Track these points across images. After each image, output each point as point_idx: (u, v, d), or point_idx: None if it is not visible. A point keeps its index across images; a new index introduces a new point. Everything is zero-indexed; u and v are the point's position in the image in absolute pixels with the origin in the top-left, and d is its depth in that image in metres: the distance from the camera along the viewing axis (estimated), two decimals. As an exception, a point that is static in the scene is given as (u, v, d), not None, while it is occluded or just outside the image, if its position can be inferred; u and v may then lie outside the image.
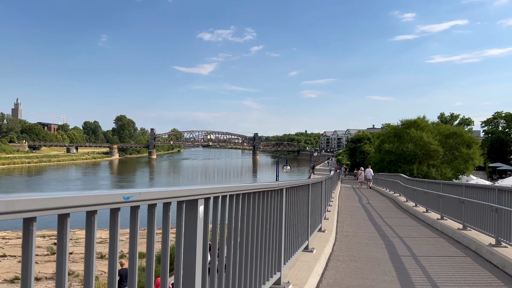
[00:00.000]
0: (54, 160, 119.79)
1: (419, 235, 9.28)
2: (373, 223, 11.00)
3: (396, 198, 18.47)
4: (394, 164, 36.53)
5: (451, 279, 5.47)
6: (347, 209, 14.94)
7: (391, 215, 13.55)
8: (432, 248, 7.70)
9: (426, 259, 6.64)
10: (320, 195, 7.89)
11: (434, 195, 11.67)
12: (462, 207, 9.02)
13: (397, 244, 7.85)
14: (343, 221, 11.20)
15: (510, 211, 6.34)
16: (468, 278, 5.59)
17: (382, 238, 8.53)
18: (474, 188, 8.38)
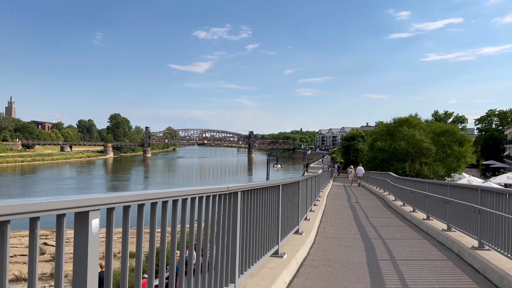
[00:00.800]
0: (48, 159, 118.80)
1: (402, 236, 8.95)
2: (357, 224, 10.66)
3: (385, 197, 18.19)
4: (386, 162, 36.36)
5: (428, 286, 5.13)
6: (334, 208, 14.61)
7: (378, 215, 13.24)
8: (414, 250, 7.37)
9: (405, 263, 6.30)
10: (298, 196, 7.53)
11: (420, 195, 11.37)
12: (446, 207, 8.70)
13: (378, 247, 7.51)
14: (327, 222, 10.86)
15: (492, 213, 6.01)
16: (447, 285, 5.25)
17: (364, 240, 8.18)
18: (458, 188, 8.05)
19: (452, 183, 8.47)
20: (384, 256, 6.76)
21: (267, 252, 5.12)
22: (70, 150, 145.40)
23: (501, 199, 5.79)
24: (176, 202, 2.66)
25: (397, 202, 15.62)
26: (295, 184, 7.09)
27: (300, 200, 7.94)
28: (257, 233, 4.67)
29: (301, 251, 6.32)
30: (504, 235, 5.64)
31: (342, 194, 22.02)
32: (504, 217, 5.57)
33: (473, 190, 7.08)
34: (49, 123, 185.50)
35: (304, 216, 9.06)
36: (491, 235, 6.21)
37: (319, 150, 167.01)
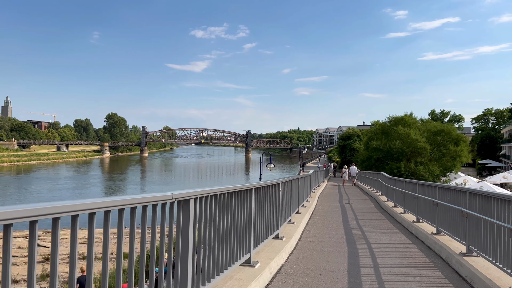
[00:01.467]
0: (44, 159, 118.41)
1: (390, 240, 8.57)
2: (345, 226, 10.28)
3: (378, 198, 17.83)
4: (381, 162, 36.04)
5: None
6: (324, 209, 14.24)
7: (368, 216, 12.87)
8: (400, 256, 6.99)
9: (388, 271, 5.91)
10: (278, 200, 7.12)
11: (410, 196, 11.00)
12: (436, 210, 8.33)
13: (362, 252, 7.13)
14: (313, 224, 10.47)
15: (481, 218, 5.63)
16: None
17: (348, 245, 7.80)
18: (447, 190, 7.68)
19: (441, 185, 8.10)
20: (367, 263, 6.38)
21: (236, 262, 4.73)
22: (66, 149, 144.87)
23: (490, 203, 5.41)
24: (122, 211, 2.48)
25: (389, 203, 15.27)
26: (273, 187, 6.69)
27: (281, 204, 7.54)
28: (222, 241, 4.28)
29: (278, 258, 5.92)
30: (492, 241, 5.26)
31: (334, 194, 21.65)
32: (491, 222, 5.20)
33: (462, 193, 6.70)
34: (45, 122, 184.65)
35: (287, 219, 8.66)
36: (479, 240, 5.84)
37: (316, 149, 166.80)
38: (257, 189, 5.52)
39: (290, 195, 9.01)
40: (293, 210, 9.75)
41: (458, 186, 6.96)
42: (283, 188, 7.84)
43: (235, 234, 4.78)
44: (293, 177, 9.66)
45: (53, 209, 1.85)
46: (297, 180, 10.55)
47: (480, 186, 28.72)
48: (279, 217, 7.17)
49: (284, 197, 8.02)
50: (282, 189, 7.63)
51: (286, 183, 8.23)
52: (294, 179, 9.66)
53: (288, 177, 8.85)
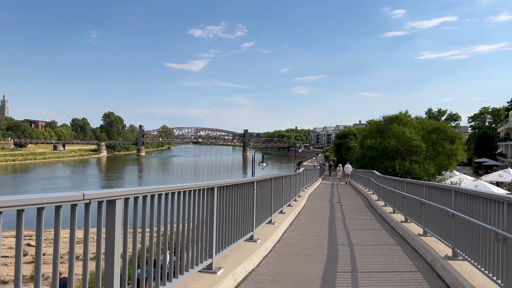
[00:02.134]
0: (40, 158, 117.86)
1: (375, 241, 8.11)
2: (330, 227, 9.82)
3: (369, 197, 17.39)
4: (376, 160, 35.62)
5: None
6: (312, 209, 13.78)
7: (357, 216, 12.41)
8: (382, 260, 6.52)
9: (367, 277, 5.45)
10: (253, 199, 6.64)
11: (399, 195, 10.55)
12: (422, 210, 7.88)
13: (342, 255, 6.67)
14: (297, 225, 10.01)
15: (466, 219, 5.18)
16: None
17: (329, 247, 7.33)
18: (434, 188, 7.21)
19: (428, 183, 7.64)
20: (345, 267, 5.91)
21: (192, 268, 4.25)
22: (63, 149, 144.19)
23: (476, 203, 4.95)
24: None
25: (379, 202, 14.83)
26: (245, 186, 6.21)
27: (257, 204, 7.06)
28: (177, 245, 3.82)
29: (247, 263, 5.44)
30: (478, 244, 4.81)
31: (326, 193, 21.20)
32: (476, 224, 4.74)
33: (447, 192, 6.24)
34: (42, 121, 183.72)
35: (267, 220, 8.19)
36: (465, 243, 5.38)
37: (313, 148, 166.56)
38: (222, 188, 5.04)
39: (271, 194, 8.54)
40: (275, 210, 9.28)
41: (443, 185, 6.51)
42: (261, 187, 7.37)
43: (193, 237, 4.31)
44: (274, 175, 9.19)
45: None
46: (280, 178, 10.08)
47: (476, 185, 28.36)
48: (254, 218, 6.69)
49: (262, 196, 7.55)
50: (259, 188, 7.15)
51: (264, 181, 7.75)
52: (276, 177, 9.18)
53: (268, 175, 8.38)
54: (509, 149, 62.97)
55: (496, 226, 4.12)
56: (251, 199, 6.57)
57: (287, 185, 11.69)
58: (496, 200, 4.23)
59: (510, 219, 3.88)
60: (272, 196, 8.72)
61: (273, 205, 8.98)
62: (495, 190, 28.00)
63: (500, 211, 4.07)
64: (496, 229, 4.03)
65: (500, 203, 4.09)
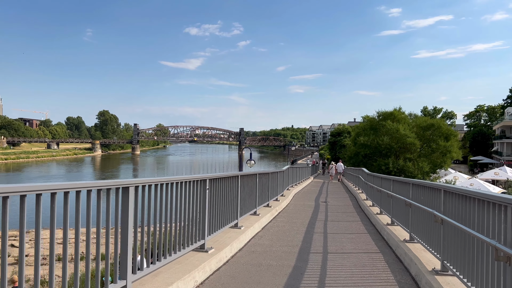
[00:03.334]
0: (33, 157, 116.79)
1: (354, 248, 7.04)
2: (308, 230, 8.74)
3: (358, 196, 16.35)
4: (369, 158, 34.63)
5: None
6: (294, 209, 12.70)
7: (341, 217, 11.34)
8: (358, 273, 5.44)
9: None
10: (203, 201, 5.55)
11: (385, 194, 9.50)
12: (409, 212, 6.82)
13: (311, 268, 5.59)
14: (271, 228, 8.92)
15: (456, 225, 4.11)
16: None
17: (299, 256, 6.25)
18: (421, 187, 6.14)
19: (415, 181, 6.56)
20: (310, 283, 4.83)
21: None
22: (57, 147, 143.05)
23: (470, 206, 3.88)
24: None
25: (367, 201, 13.79)
26: (192, 185, 5.10)
27: (213, 206, 5.97)
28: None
29: (184, 282, 4.34)
30: (472, 259, 3.74)
31: (314, 192, 20.14)
32: (471, 234, 3.66)
33: (436, 191, 5.17)
34: (37, 120, 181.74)
35: (230, 225, 7.09)
36: (455, 255, 4.31)
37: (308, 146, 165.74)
38: (139, 187, 3.94)
39: (237, 194, 7.44)
40: (244, 212, 8.19)
41: (431, 183, 5.44)
42: (221, 186, 6.27)
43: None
44: (243, 172, 8.09)
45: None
46: (252, 176, 8.99)
47: (471, 183, 27.42)
48: (206, 224, 5.57)
49: (222, 197, 6.46)
50: (216, 188, 6.06)
51: (227, 179, 6.65)
52: (245, 175, 8.08)
53: (234, 173, 7.28)
54: (505, 147, 62.31)
55: (497, 239, 3.05)
56: (202, 201, 5.48)
57: (264, 183, 10.60)
58: (497, 203, 3.14)
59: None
60: (240, 196, 7.62)
61: (242, 206, 7.88)
62: (490, 189, 27.08)
63: (503, 219, 2.99)
64: (496, 243, 2.95)
65: (503, 207, 3.01)
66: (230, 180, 6.93)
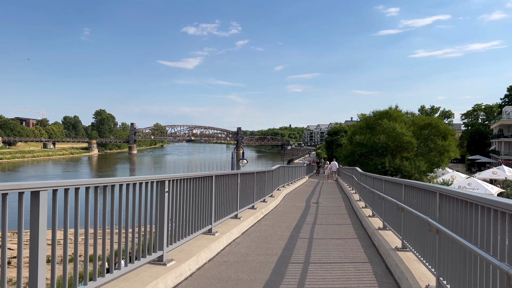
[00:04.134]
0: (29, 156, 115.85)
1: (341, 257, 6.29)
2: (292, 236, 7.99)
3: (351, 196, 15.61)
4: (365, 157, 33.96)
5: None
6: (283, 211, 11.96)
7: (331, 220, 10.60)
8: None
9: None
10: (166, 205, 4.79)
11: (377, 195, 8.76)
12: (401, 216, 6.08)
13: (288, 281, 4.83)
14: (252, 233, 8.16)
15: (452, 237, 3.36)
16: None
17: (276, 268, 5.50)
18: (414, 189, 5.39)
19: (407, 182, 5.82)
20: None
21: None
22: (53, 147, 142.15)
23: (472, 214, 3.12)
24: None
25: (360, 202, 13.06)
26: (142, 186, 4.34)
27: (179, 211, 5.21)
28: None
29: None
30: (470, 275, 3.00)
31: (307, 192, 19.39)
32: (474, 253, 2.91)
33: (430, 194, 4.42)
34: (33, 119, 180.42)
35: (204, 230, 6.34)
36: (455, 273, 3.56)
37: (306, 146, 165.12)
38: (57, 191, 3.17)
39: (212, 197, 6.68)
40: (221, 216, 7.43)
41: (425, 184, 4.67)
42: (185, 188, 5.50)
43: None
44: (218, 172, 7.33)
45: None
46: (232, 176, 8.23)
47: (469, 183, 26.76)
48: (165, 232, 4.80)
49: (192, 201, 5.70)
50: (181, 190, 5.29)
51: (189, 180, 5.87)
52: (221, 175, 7.31)
53: (207, 173, 6.52)
54: (502, 146, 61.81)
55: (507, 261, 2.30)
56: (160, 205, 4.72)
57: (248, 184, 9.85)
58: (509, 212, 2.38)
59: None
60: (215, 199, 6.86)
61: (218, 210, 7.13)
62: (489, 188, 26.43)
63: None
64: (509, 268, 2.20)
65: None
66: (201, 181, 6.17)
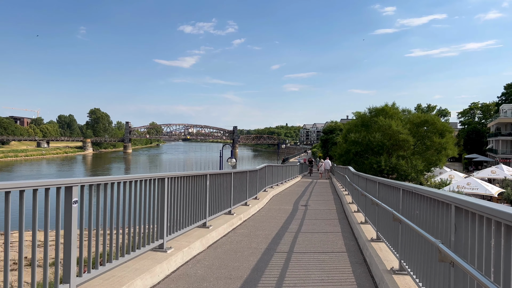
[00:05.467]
0: (22, 155, 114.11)
1: (322, 280, 4.99)
2: (268, 248, 6.70)
3: (343, 198, 14.34)
4: (360, 156, 32.77)
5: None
6: (266, 215, 10.67)
7: (319, 226, 9.31)
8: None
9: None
10: (67, 221, 3.49)
11: (370, 200, 7.49)
12: (398, 229, 4.82)
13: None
14: (222, 246, 6.86)
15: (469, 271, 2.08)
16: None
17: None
18: (417, 196, 4.11)
19: (407, 186, 4.53)
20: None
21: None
22: (47, 146, 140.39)
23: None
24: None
25: (353, 205, 11.80)
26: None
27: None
28: None
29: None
30: None
31: (297, 193, 18.11)
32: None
33: (445, 206, 3.13)
34: (28, 118, 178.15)
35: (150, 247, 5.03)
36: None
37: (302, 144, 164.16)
38: None
39: (164, 204, 5.38)
40: (180, 227, 6.12)
41: (437, 193, 3.33)
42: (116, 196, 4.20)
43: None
44: (180, 173, 6.02)
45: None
46: (198, 178, 6.93)
47: (468, 182, 25.64)
48: (71, 258, 3.49)
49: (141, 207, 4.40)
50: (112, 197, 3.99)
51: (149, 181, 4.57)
52: (176, 176, 6.00)
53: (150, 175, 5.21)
54: (500, 144, 60.91)
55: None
56: (67, 220, 3.41)
57: (222, 186, 8.56)
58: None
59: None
60: (168, 208, 5.56)
61: (174, 220, 5.82)
62: (489, 188, 25.33)
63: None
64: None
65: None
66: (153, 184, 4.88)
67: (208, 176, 7.49)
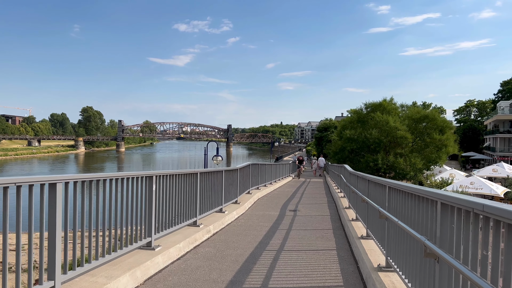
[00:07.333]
0: (12, 154, 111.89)
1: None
2: (235, 280, 4.86)
3: (338, 201, 12.48)
4: (356, 154, 31.04)
5: None
6: (246, 224, 8.82)
7: (308, 240, 7.44)
8: None
9: None
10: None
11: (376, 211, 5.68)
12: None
13: None
14: (169, 276, 5.00)
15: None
16: None
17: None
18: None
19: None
20: None
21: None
22: (38, 144, 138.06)
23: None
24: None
25: (350, 210, 9.99)
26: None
27: None
28: None
29: None
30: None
31: (286, 194, 16.26)
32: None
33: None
34: (20, 117, 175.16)
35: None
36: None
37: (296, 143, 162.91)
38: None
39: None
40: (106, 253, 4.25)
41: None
42: None
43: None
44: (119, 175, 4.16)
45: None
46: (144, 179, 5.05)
47: (471, 182, 24.00)
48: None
49: None
50: None
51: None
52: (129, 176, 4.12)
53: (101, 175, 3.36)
54: (498, 142, 59.66)
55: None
56: None
57: (185, 190, 6.68)
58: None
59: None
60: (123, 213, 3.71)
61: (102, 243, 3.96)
62: (494, 188, 23.72)
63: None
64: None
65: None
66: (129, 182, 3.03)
67: (161, 178, 5.60)
